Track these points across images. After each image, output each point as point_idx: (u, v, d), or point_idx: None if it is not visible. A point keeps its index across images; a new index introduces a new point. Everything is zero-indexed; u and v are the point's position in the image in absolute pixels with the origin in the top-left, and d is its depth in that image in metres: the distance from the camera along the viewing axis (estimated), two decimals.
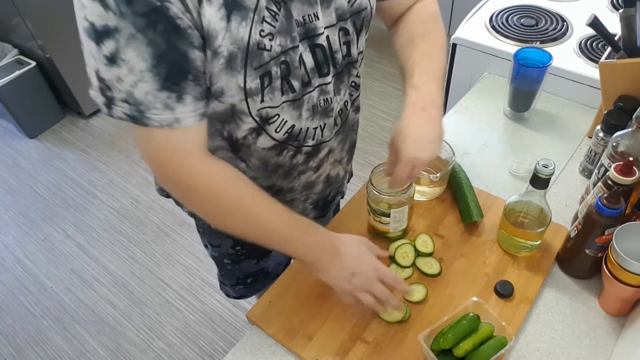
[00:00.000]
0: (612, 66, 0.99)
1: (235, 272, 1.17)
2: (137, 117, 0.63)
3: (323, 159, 0.90)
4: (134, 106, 0.62)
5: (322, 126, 0.83)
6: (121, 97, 0.62)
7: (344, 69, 0.81)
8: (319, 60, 0.75)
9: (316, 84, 0.77)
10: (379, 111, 2.69)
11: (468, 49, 1.40)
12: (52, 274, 2.09)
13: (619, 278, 0.78)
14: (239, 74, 0.67)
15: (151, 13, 0.57)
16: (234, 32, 0.63)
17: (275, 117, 0.76)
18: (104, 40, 0.59)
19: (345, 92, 0.85)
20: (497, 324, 0.80)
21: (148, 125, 0.64)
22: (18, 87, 2.54)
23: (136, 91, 0.61)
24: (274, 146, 0.81)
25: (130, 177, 2.48)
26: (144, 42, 0.58)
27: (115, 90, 0.62)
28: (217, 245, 1.10)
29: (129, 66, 0.60)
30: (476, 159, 1.15)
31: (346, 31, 0.77)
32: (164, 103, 0.63)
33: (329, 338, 0.84)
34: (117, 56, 0.59)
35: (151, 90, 0.61)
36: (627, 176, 0.78)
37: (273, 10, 0.66)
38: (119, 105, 0.63)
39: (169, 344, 1.83)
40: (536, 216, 0.89)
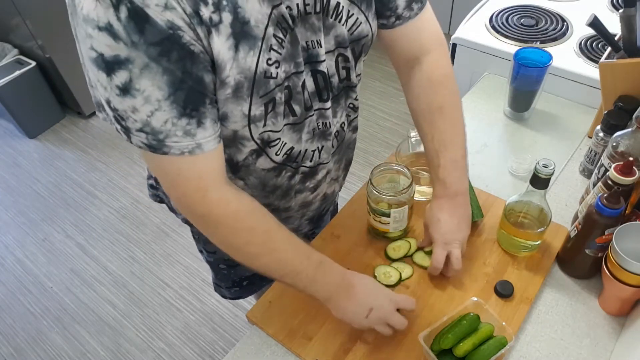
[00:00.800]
0: (612, 66, 0.99)
1: (231, 276, 1.16)
2: (155, 147, 0.61)
3: (321, 180, 0.90)
4: (151, 135, 0.60)
5: (320, 148, 0.83)
6: (137, 127, 0.60)
7: (340, 92, 0.81)
8: (320, 86, 0.75)
9: (316, 107, 0.77)
10: (379, 111, 2.69)
11: (468, 49, 1.40)
12: (52, 274, 2.09)
13: (619, 278, 0.78)
14: (245, 102, 0.66)
15: (164, 41, 0.55)
16: (242, 61, 0.62)
17: (277, 141, 0.75)
18: (115, 71, 0.56)
19: (342, 114, 0.85)
20: (497, 324, 0.80)
21: (168, 153, 0.62)
22: (18, 87, 2.54)
23: (154, 120, 0.59)
24: (273, 168, 0.81)
25: (130, 177, 2.48)
26: (158, 71, 0.56)
27: (129, 121, 0.60)
28: (213, 251, 1.09)
29: (144, 96, 0.57)
30: (476, 159, 1.14)
31: (345, 58, 0.76)
32: (184, 130, 0.61)
33: (329, 338, 0.84)
34: (131, 86, 0.57)
35: (170, 118, 0.59)
36: (627, 176, 0.78)
37: (280, 37, 0.64)
38: (136, 135, 0.61)
39: (169, 344, 1.83)
40: (536, 216, 0.89)
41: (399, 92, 2.78)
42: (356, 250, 0.97)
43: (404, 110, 2.67)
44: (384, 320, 0.80)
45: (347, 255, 0.96)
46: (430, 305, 0.88)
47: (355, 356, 0.82)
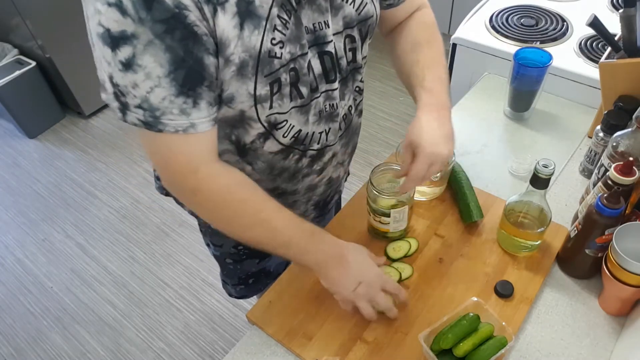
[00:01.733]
0: (612, 66, 0.99)
1: (237, 272, 1.17)
2: (151, 123, 0.63)
3: (327, 162, 0.91)
4: (148, 112, 0.62)
5: (327, 130, 0.84)
6: (136, 102, 0.62)
7: (348, 75, 0.82)
8: (327, 67, 0.75)
9: (323, 89, 0.77)
10: (379, 111, 2.69)
11: (468, 49, 1.40)
12: (52, 274, 2.09)
13: (619, 278, 0.78)
14: (250, 81, 0.67)
15: (170, 20, 0.57)
16: (246, 40, 0.63)
17: (284, 123, 0.76)
18: (120, 46, 0.58)
19: (350, 97, 0.86)
20: (497, 324, 0.80)
21: (163, 130, 0.64)
22: (18, 87, 2.54)
23: (152, 97, 0.61)
24: (281, 150, 0.81)
25: (130, 177, 2.48)
26: (161, 48, 0.58)
27: (129, 96, 0.62)
28: (220, 244, 1.10)
29: (145, 72, 0.59)
30: (476, 159, 1.15)
31: (352, 38, 0.78)
32: (180, 108, 0.63)
33: (329, 338, 0.84)
34: (134, 62, 0.59)
35: (168, 95, 0.61)
36: (627, 176, 0.78)
37: (284, 18, 0.66)
38: (133, 111, 0.63)
39: (169, 344, 1.83)
40: (536, 216, 0.89)
41: (399, 92, 2.78)
42: None
43: (404, 110, 2.67)
44: (370, 297, 0.81)
45: None
46: (430, 305, 0.88)
47: (355, 356, 0.82)
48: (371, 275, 0.82)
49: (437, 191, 1.05)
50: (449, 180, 1.05)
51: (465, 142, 1.19)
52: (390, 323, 0.86)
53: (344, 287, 0.81)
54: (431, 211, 1.03)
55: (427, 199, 1.05)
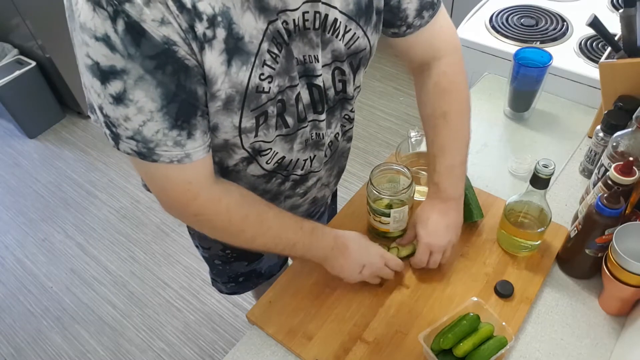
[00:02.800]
0: (612, 66, 0.99)
1: (227, 271, 1.17)
2: (145, 154, 0.62)
3: (311, 186, 0.91)
4: (142, 143, 0.61)
5: (312, 157, 0.84)
6: (128, 134, 0.61)
7: (336, 104, 0.81)
8: (315, 99, 0.75)
9: (310, 118, 0.77)
10: (379, 111, 2.69)
11: (468, 49, 1.40)
12: (52, 274, 2.09)
13: (619, 278, 0.78)
14: (235, 115, 0.66)
15: (160, 55, 0.56)
16: (234, 76, 0.62)
17: (268, 151, 0.76)
18: (110, 80, 0.57)
19: (337, 125, 0.85)
20: (497, 324, 0.80)
21: (157, 161, 0.63)
22: (18, 87, 2.54)
23: (145, 130, 0.60)
24: (263, 175, 0.82)
25: (130, 177, 2.48)
26: (153, 84, 0.57)
27: (121, 128, 0.60)
28: (207, 247, 1.10)
29: (137, 106, 0.58)
30: (476, 159, 1.14)
31: (342, 71, 0.76)
32: (174, 140, 0.62)
33: (329, 338, 0.84)
34: (125, 97, 0.57)
35: (161, 129, 0.60)
36: (627, 176, 0.78)
37: (274, 52, 0.64)
38: (125, 142, 0.62)
39: (169, 344, 1.83)
40: (536, 216, 0.89)
41: (399, 92, 2.78)
42: None
43: (404, 110, 2.68)
44: (375, 274, 0.88)
45: None
46: (430, 305, 0.88)
47: (355, 356, 0.82)
48: (373, 257, 0.87)
49: None
50: None
51: None
52: (390, 323, 0.86)
53: (350, 272, 0.86)
54: None
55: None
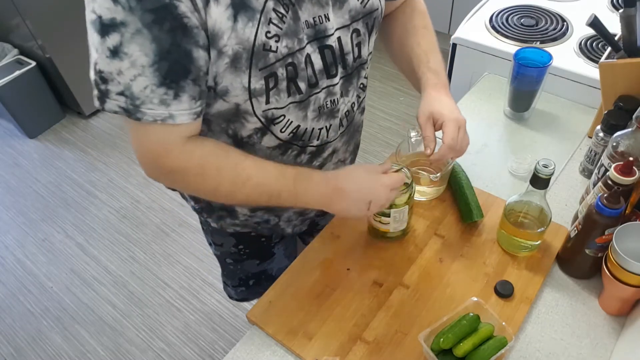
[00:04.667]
0: (612, 66, 0.99)
1: (238, 272, 1.17)
2: (131, 111, 0.64)
3: (327, 158, 0.90)
4: (129, 99, 0.63)
5: (328, 127, 0.84)
6: (118, 89, 0.63)
7: (354, 71, 0.81)
8: (328, 62, 0.75)
9: (323, 85, 0.77)
10: (379, 111, 2.69)
11: (468, 49, 1.40)
12: (52, 274, 2.09)
13: (619, 278, 0.78)
14: (244, 74, 0.67)
15: (160, 10, 0.58)
16: (240, 32, 0.63)
17: (281, 118, 0.76)
18: (109, 33, 0.59)
19: (354, 94, 0.85)
20: (497, 324, 0.80)
21: (141, 119, 0.64)
22: (18, 87, 2.54)
23: (134, 85, 0.62)
24: (279, 145, 0.81)
25: (130, 177, 2.48)
26: (148, 38, 0.59)
27: (112, 83, 0.62)
28: (220, 243, 1.10)
29: (130, 60, 0.60)
30: (476, 159, 1.15)
31: (358, 32, 0.77)
32: (160, 99, 0.63)
33: (329, 338, 0.84)
34: (120, 49, 0.60)
35: (150, 85, 0.62)
36: (627, 176, 0.78)
37: (280, 12, 0.66)
38: (114, 99, 0.63)
39: (169, 344, 1.83)
40: (536, 216, 0.89)
41: (399, 92, 2.78)
42: (356, 250, 0.97)
43: (404, 110, 2.68)
44: (384, 204, 0.82)
45: (347, 255, 0.96)
46: (430, 305, 0.88)
47: (355, 356, 0.82)
48: (377, 190, 0.79)
49: (437, 191, 1.05)
50: (449, 180, 1.05)
51: None
52: (390, 323, 0.86)
53: (357, 212, 0.80)
54: (431, 211, 1.03)
55: (427, 199, 1.05)
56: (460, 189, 1.01)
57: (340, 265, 0.94)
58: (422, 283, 0.91)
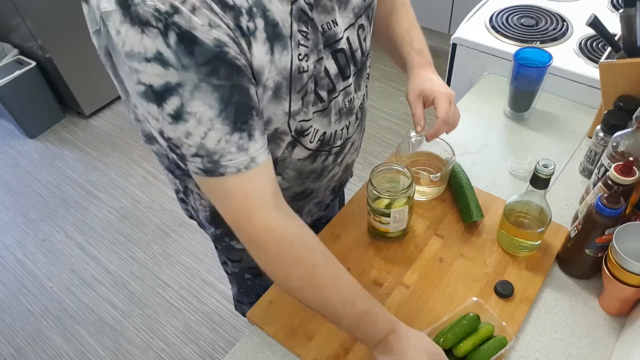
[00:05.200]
0: (612, 66, 0.99)
1: (255, 288, 1.14)
2: (211, 170, 0.61)
3: (347, 151, 0.91)
4: (206, 157, 0.61)
5: (347, 125, 0.84)
6: (192, 152, 0.60)
7: (362, 65, 0.82)
8: (342, 65, 0.75)
9: (340, 88, 0.77)
10: (379, 111, 2.69)
11: (468, 49, 1.40)
12: (52, 274, 2.09)
13: (619, 278, 0.78)
14: (285, 101, 0.67)
15: (213, 60, 0.56)
16: (278, 63, 0.63)
17: (309, 129, 0.76)
18: (166, 99, 0.57)
19: (363, 86, 0.86)
20: (497, 324, 0.80)
21: (225, 174, 0.61)
22: (18, 87, 2.54)
23: (207, 141, 0.59)
24: (309, 156, 0.81)
25: (130, 177, 2.48)
26: (209, 90, 0.57)
27: (184, 147, 0.60)
28: (238, 259, 1.07)
29: (196, 118, 0.58)
30: (476, 159, 1.15)
31: (363, 27, 0.78)
32: (237, 145, 0.61)
33: (329, 338, 0.84)
34: (183, 111, 0.57)
35: (223, 136, 0.60)
36: (627, 176, 0.78)
37: (304, 31, 0.65)
38: (191, 161, 0.61)
39: (169, 344, 1.83)
40: (536, 216, 0.89)
41: (399, 92, 2.78)
42: (356, 250, 0.97)
43: (404, 110, 2.67)
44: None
45: (347, 255, 0.96)
46: (430, 305, 0.88)
47: (355, 356, 0.82)
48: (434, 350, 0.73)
49: (437, 191, 1.05)
50: (449, 180, 1.05)
51: (465, 142, 1.19)
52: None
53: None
54: (431, 211, 1.03)
55: (427, 199, 1.05)
56: (460, 189, 1.01)
57: None
58: (422, 283, 0.91)
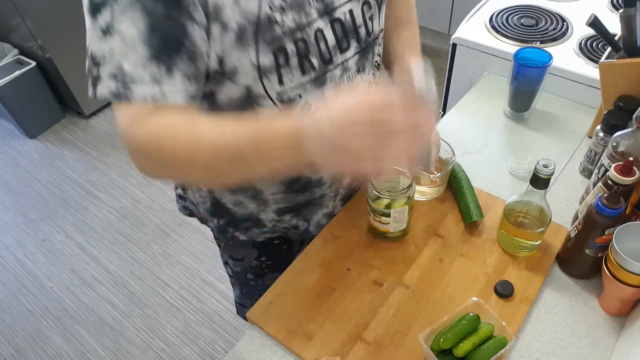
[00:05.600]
0: (612, 66, 0.99)
1: (258, 288, 1.13)
2: (121, 94, 0.60)
3: None
4: (121, 81, 0.59)
5: None
6: (109, 72, 0.60)
7: (368, 46, 0.80)
8: (339, 36, 0.74)
9: (338, 61, 0.76)
10: None
11: (468, 49, 1.40)
12: (52, 274, 2.09)
13: (619, 278, 0.78)
14: (251, 49, 0.65)
15: None
16: (243, 5, 0.62)
17: (297, 100, 0.74)
18: (100, 10, 0.58)
19: (370, 71, 0.84)
20: (497, 324, 0.80)
21: (130, 98, 0.59)
22: (18, 87, 2.54)
23: (126, 64, 0.59)
24: None
25: (130, 177, 2.48)
26: (142, 11, 0.58)
27: (104, 66, 0.60)
28: (241, 258, 1.07)
29: (121, 36, 0.58)
30: (476, 159, 1.15)
31: (369, 5, 0.77)
32: (152, 76, 0.59)
33: (329, 338, 0.84)
34: (112, 26, 0.58)
35: (141, 62, 0.59)
36: (627, 176, 0.78)
37: None
38: (105, 82, 0.60)
39: (169, 344, 1.83)
40: (536, 216, 0.89)
41: None
42: (356, 250, 0.97)
43: None
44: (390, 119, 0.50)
45: (347, 255, 0.96)
46: (430, 305, 0.88)
47: (355, 356, 0.82)
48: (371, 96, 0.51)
49: (437, 191, 1.05)
50: (449, 180, 1.05)
51: (465, 142, 1.19)
52: (390, 323, 0.86)
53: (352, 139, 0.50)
54: (431, 211, 1.03)
55: (427, 199, 1.05)
56: (460, 189, 1.01)
57: (340, 265, 0.95)
58: (422, 283, 0.91)
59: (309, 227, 1.00)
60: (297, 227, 0.99)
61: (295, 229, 1.00)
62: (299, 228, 1.00)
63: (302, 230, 1.01)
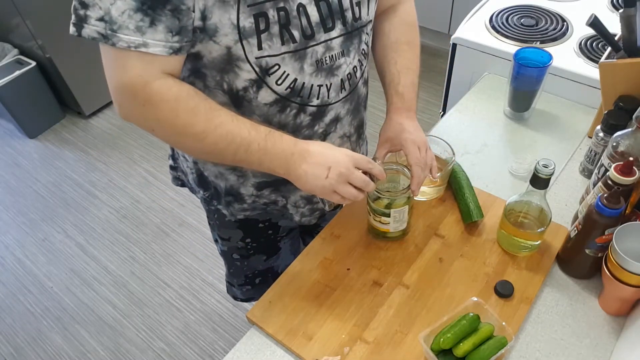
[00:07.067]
0: (612, 66, 0.99)
1: (244, 269, 1.16)
2: (108, 36, 0.65)
3: (329, 125, 0.89)
4: (108, 24, 0.64)
5: (328, 85, 0.83)
6: (98, 15, 0.64)
7: (354, 31, 0.81)
8: (324, 14, 0.75)
9: (321, 39, 0.77)
10: (379, 111, 2.69)
11: (468, 49, 1.41)
12: (52, 274, 2.09)
13: (619, 278, 0.78)
14: (232, 9, 0.68)
15: None
16: None
17: (276, 68, 0.76)
18: None
19: (355, 57, 0.85)
20: (497, 324, 0.80)
21: (115, 45, 0.65)
22: (18, 87, 2.54)
23: (114, 9, 0.63)
24: (276, 101, 0.80)
25: (130, 177, 2.48)
26: None
27: (93, 9, 0.64)
28: (227, 238, 1.10)
29: None
30: (476, 159, 1.15)
31: None
32: (136, 25, 0.64)
33: (329, 338, 0.84)
34: None
35: (127, 9, 0.63)
36: (627, 176, 0.78)
37: None
38: (93, 24, 0.65)
39: (169, 344, 1.83)
40: (536, 216, 0.89)
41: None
42: (356, 250, 0.97)
43: None
44: (345, 177, 0.77)
45: (347, 255, 0.96)
46: (430, 305, 0.88)
47: (355, 356, 0.82)
48: (339, 157, 0.77)
49: (437, 191, 1.05)
50: (449, 180, 1.05)
51: (465, 142, 1.19)
52: (390, 323, 0.86)
53: (314, 178, 0.77)
54: (431, 211, 1.03)
55: (427, 199, 1.05)
56: (460, 189, 1.01)
57: (340, 265, 0.95)
58: (422, 283, 0.91)
59: (287, 204, 1.01)
60: (276, 202, 1.00)
61: (275, 204, 1.00)
62: (278, 203, 1.00)
63: (281, 206, 1.01)
